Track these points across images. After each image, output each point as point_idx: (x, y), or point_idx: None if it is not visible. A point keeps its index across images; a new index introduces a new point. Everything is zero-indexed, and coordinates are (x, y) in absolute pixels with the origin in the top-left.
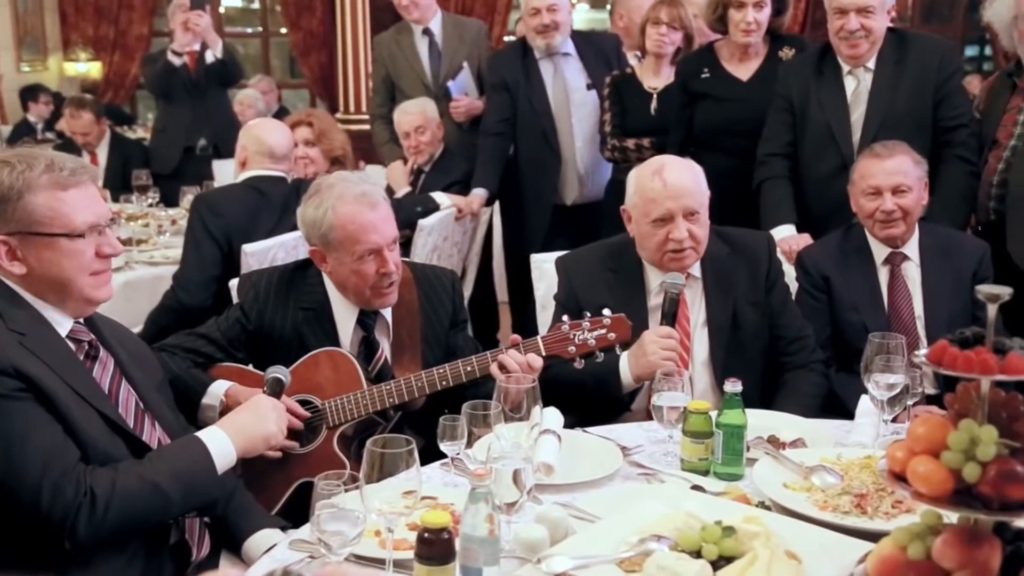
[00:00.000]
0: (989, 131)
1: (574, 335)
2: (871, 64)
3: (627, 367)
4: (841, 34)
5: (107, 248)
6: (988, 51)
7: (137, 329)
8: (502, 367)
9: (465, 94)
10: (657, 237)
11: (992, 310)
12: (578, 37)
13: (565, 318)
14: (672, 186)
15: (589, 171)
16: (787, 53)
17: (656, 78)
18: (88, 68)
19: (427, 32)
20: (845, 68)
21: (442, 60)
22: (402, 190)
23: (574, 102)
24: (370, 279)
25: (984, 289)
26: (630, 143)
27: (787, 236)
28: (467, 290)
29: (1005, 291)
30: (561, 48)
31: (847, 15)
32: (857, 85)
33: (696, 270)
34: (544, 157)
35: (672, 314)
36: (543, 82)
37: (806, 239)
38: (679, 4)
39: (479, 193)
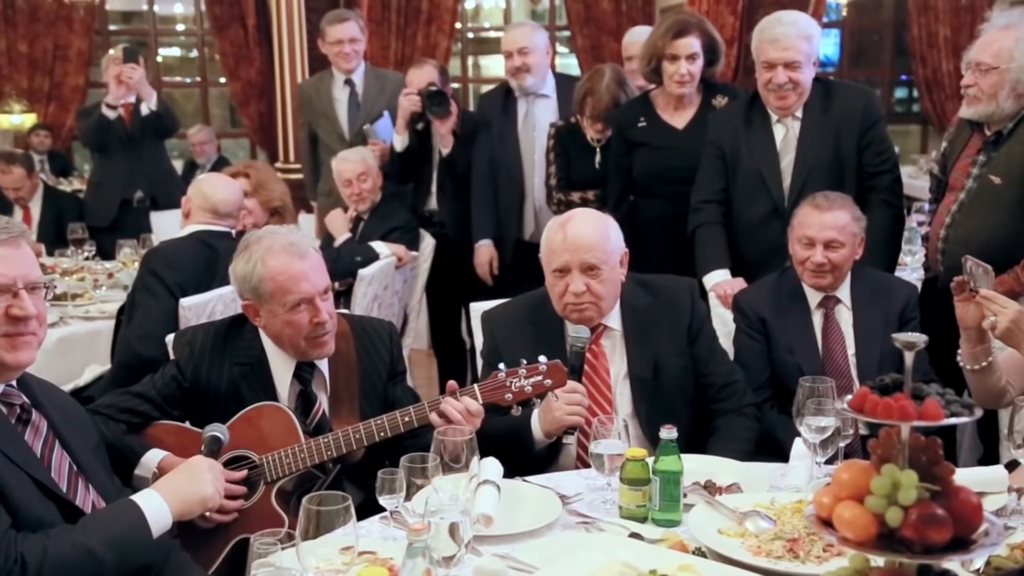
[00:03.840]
0: (948, 169)
1: (511, 382)
2: (799, 113)
3: (537, 423)
4: (770, 86)
5: (15, 310)
6: (916, 94)
7: (70, 386)
8: (443, 415)
9: (384, 140)
10: (557, 288)
11: (909, 358)
12: (562, 80)
13: (501, 365)
14: (571, 239)
15: (542, 208)
16: (720, 101)
17: (600, 132)
18: (22, 119)
19: (349, 82)
20: (774, 117)
21: (360, 110)
22: (342, 237)
23: (538, 140)
24: (303, 329)
25: (901, 338)
26: (575, 196)
27: (721, 281)
28: (409, 339)
29: (920, 339)
30: (538, 89)
31: (775, 69)
32: (786, 133)
33: (615, 322)
34: (510, 192)
35: (578, 368)
36: (516, 120)
37: (740, 283)
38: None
39: (486, 244)
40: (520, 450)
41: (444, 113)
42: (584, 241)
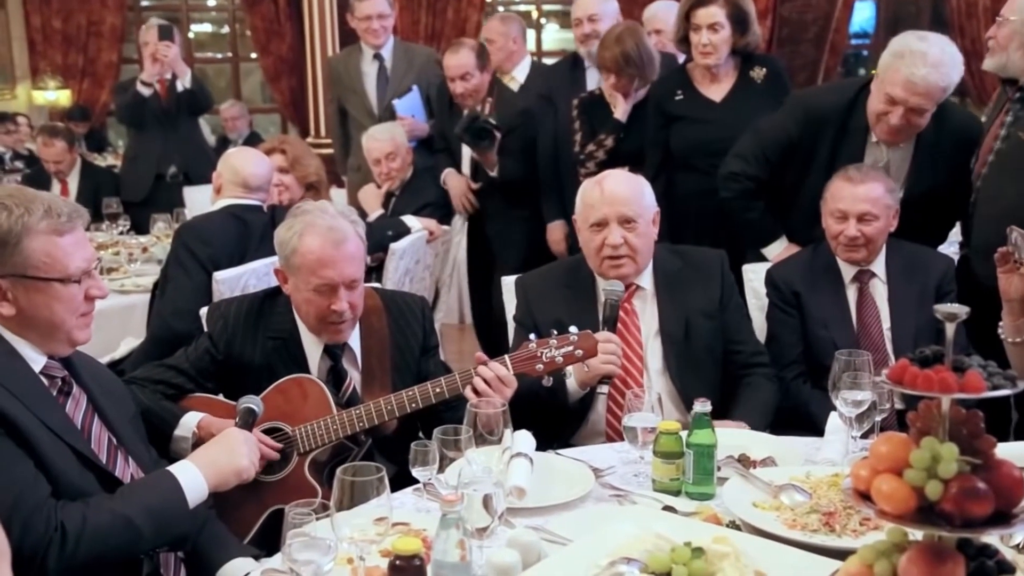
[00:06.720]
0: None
1: (541, 353)
2: (910, 145)
3: (572, 374)
4: (883, 118)
5: (95, 291)
6: None
7: (106, 359)
8: (475, 390)
9: (412, 115)
10: (594, 242)
11: (950, 329)
12: None
13: (532, 336)
14: (609, 194)
15: None
16: (759, 73)
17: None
18: (57, 96)
19: (378, 57)
20: (873, 137)
21: (389, 85)
22: (375, 213)
23: None
24: (320, 312)
25: (942, 309)
26: (591, 146)
27: (785, 248)
28: (440, 313)
29: (962, 310)
30: None
31: (896, 106)
32: (882, 158)
33: (647, 282)
34: None
35: (612, 320)
36: (587, 88)
37: None
38: (623, 40)
39: (558, 224)
40: (555, 403)
41: (490, 147)
42: (621, 195)
